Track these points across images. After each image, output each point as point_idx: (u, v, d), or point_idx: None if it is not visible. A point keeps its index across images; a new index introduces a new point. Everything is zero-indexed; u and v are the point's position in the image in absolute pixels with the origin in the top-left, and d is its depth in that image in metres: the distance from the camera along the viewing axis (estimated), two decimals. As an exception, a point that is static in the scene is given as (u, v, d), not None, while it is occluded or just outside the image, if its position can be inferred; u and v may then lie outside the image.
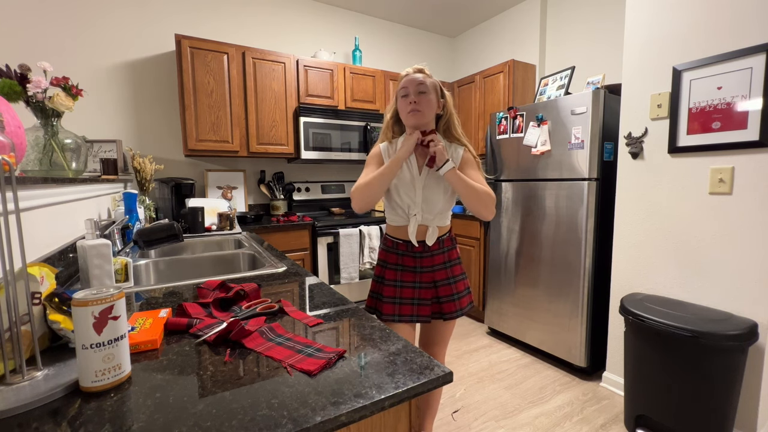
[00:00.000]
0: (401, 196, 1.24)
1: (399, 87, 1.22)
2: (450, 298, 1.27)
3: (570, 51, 2.94)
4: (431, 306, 1.26)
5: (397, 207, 1.26)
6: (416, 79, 1.19)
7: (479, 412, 1.82)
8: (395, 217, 1.28)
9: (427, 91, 1.18)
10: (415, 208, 1.22)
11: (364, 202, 1.19)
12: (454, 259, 1.31)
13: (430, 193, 1.22)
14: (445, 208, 1.26)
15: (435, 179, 1.22)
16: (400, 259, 1.27)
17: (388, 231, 1.34)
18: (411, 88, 1.18)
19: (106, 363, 0.53)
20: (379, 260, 1.35)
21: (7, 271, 0.52)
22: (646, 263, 1.83)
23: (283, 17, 3.03)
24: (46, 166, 1.10)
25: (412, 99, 1.17)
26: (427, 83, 1.18)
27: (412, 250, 1.25)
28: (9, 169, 0.52)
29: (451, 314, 1.27)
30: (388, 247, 1.31)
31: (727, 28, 1.51)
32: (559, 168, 2.17)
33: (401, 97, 1.20)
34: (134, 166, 2.31)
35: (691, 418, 1.45)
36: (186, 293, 1.00)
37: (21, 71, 1.03)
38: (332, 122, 2.84)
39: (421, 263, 1.26)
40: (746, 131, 1.47)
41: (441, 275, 1.26)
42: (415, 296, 1.25)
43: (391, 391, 0.52)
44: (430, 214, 1.23)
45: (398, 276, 1.27)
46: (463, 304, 1.30)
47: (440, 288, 1.26)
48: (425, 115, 1.19)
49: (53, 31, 2.25)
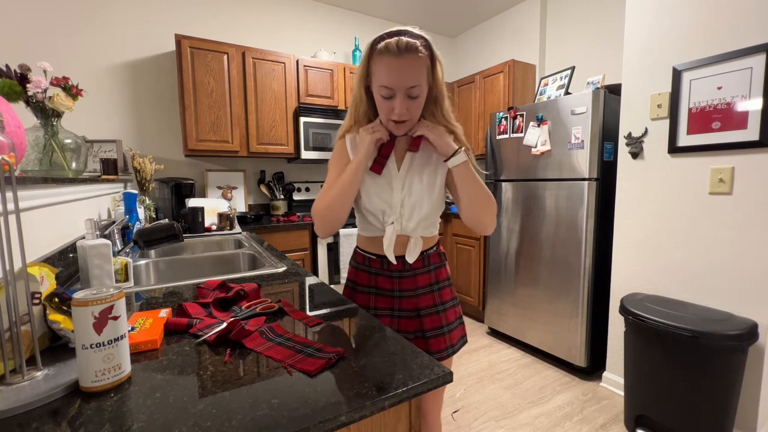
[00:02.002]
0: (372, 199, 0.94)
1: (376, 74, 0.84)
2: (438, 332, 0.98)
3: (570, 51, 2.94)
4: (414, 341, 0.96)
5: (367, 213, 0.96)
6: (407, 75, 0.81)
7: (479, 412, 1.82)
8: (366, 226, 0.99)
9: (420, 94, 0.85)
10: (391, 213, 0.93)
11: (329, 226, 0.92)
12: (443, 280, 1.02)
13: (412, 194, 0.93)
14: (431, 213, 0.95)
15: (419, 175, 0.93)
16: (373, 280, 1.00)
17: (358, 243, 1.05)
18: (399, 89, 0.83)
19: (106, 363, 0.53)
20: (348, 281, 1.05)
21: (7, 271, 0.52)
22: (646, 263, 1.83)
23: (283, 17, 3.03)
24: (46, 166, 1.10)
25: (398, 107, 0.84)
26: (421, 82, 0.84)
27: (388, 268, 0.97)
28: (9, 169, 0.52)
29: (439, 353, 0.97)
30: (359, 263, 1.03)
31: (727, 28, 1.51)
32: (559, 168, 2.17)
33: (382, 97, 0.86)
34: (134, 166, 2.31)
35: (691, 418, 1.45)
36: (186, 293, 1.00)
37: (21, 71, 1.03)
38: (332, 122, 2.84)
39: (401, 285, 0.98)
40: (746, 131, 1.47)
41: (426, 301, 0.98)
42: (394, 327, 0.96)
43: (391, 391, 0.52)
44: (412, 222, 0.94)
45: (371, 302, 0.99)
46: (453, 339, 1.00)
47: (425, 318, 0.97)
48: (414, 121, 0.90)
49: (53, 31, 2.25)
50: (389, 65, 0.82)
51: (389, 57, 0.81)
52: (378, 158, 0.93)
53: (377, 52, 0.83)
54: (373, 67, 0.85)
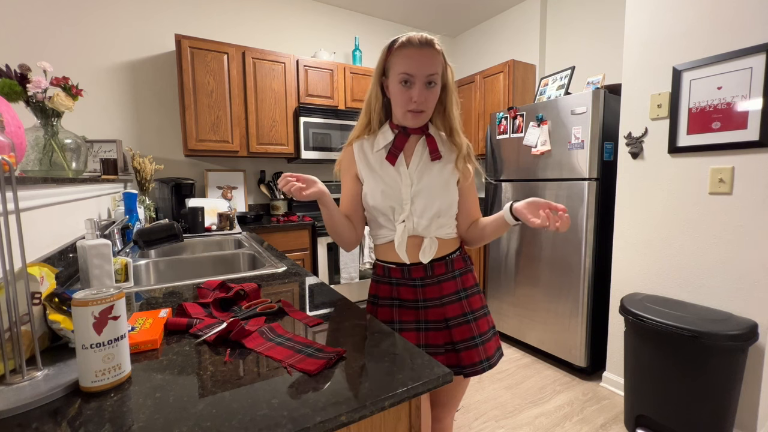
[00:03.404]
0: (378, 197, 0.91)
1: (396, 65, 0.86)
2: (470, 343, 0.91)
3: (570, 51, 2.94)
4: (445, 356, 0.91)
5: (377, 213, 0.93)
6: (427, 64, 0.84)
7: (479, 412, 1.82)
8: (380, 231, 0.95)
9: (436, 85, 0.87)
10: (402, 211, 0.90)
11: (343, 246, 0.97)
12: (471, 286, 0.96)
13: (422, 190, 0.90)
14: (444, 210, 0.92)
15: (429, 171, 0.92)
16: (394, 291, 0.94)
17: (376, 254, 1.00)
18: (418, 77, 0.84)
19: (106, 363, 0.53)
20: (369, 296, 1.01)
21: (7, 271, 0.52)
22: (646, 263, 1.83)
23: (283, 17, 3.03)
24: (46, 166, 1.10)
25: (417, 94, 0.84)
26: (438, 71, 0.86)
27: (410, 277, 0.92)
28: (9, 169, 0.52)
29: (473, 367, 0.90)
30: (379, 276, 0.98)
31: (727, 28, 1.51)
32: (559, 168, 2.17)
33: (400, 83, 0.85)
34: (134, 166, 2.31)
35: (691, 418, 1.45)
36: (186, 293, 1.00)
37: (21, 71, 1.03)
38: (332, 122, 2.84)
39: (424, 294, 0.92)
40: (746, 131, 1.47)
41: (454, 310, 0.92)
42: (421, 342, 0.91)
43: (391, 391, 0.52)
44: (424, 219, 0.90)
45: (394, 315, 0.93)
46: (489, 351, 0.93)
47: (454, 330, 0.91)
48: (429, 115, 0.90)
49: (53, 31, 2.25)
50: (410, 54, 0.84)
51: (410, 48, 0.84)
52: (392, 149, 0.92)
53: (397, 46, 0.86)
54: (392, 61, 0.87)
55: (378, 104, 0.94)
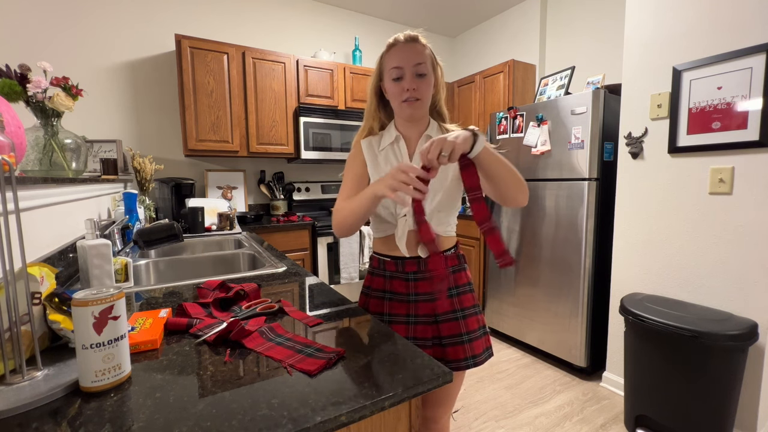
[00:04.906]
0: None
1: (387, 63, 0.92)
2: (456, 340, 0.93)
3: (570, 51, 2.94)
4: (432, 349, 0.93)
5: (381, 208, 0.96)
6: (414, 55, 0.89)
7: (479, 412, 1.82)
8: (380, 225, 0.99)
9: (427, 73, 0.90)
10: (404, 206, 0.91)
11: (345, 231, 0.93)
12: (463, 284, 0.99)
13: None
14: (444, 205, 0.95)
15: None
16: (387, 284, 0.98)
17: (374, 246, 1.05)
18: (407, 69, 0.89)
19: (106, 363, 0.53)
20: (363, 287, 1.05)
21: (7, 271, 0.52)
22: (646, 263, 1.83)
23: (283, 17, 3.03)
24: (46, 166, 1.10)
25: (408, 83, 0.89)
26: (426, 61, 0.91)
27: (403, 270, 0.96)
28: (9, 169, 0.52)
29: (457, 363, 0.92)
30: (374, 268, 1.02)
31: (727, 28, 1.51)
32: (559, 168, 2.17)
33: (392, 80, 0.91)
34: (134, 166, 2.31)
35: (691, 418, 1.45)
36: (186, 293, 1.00)
37: (21, 71, 1.03)
38: (332, 122, 2.84)
39: (416, 288, 0.95)
40: (746, 131, 1.47)
41: (444, 306, 0.95)
42: (410, 335, 0.93)
43: (391, 391, 0.52)
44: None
45: (384, 307, 0.97)
46: (476, 349, 0.94)
47: (443, 325, 0.94)
48: (424, 104, 0.93)
49: (53, 31, 2.25)
50: (397, 50, 0.91)
51: (397, 45, 0.92)
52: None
53: (386, 48, 0.94)
54: (384, 62, 0.94)
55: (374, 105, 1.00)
